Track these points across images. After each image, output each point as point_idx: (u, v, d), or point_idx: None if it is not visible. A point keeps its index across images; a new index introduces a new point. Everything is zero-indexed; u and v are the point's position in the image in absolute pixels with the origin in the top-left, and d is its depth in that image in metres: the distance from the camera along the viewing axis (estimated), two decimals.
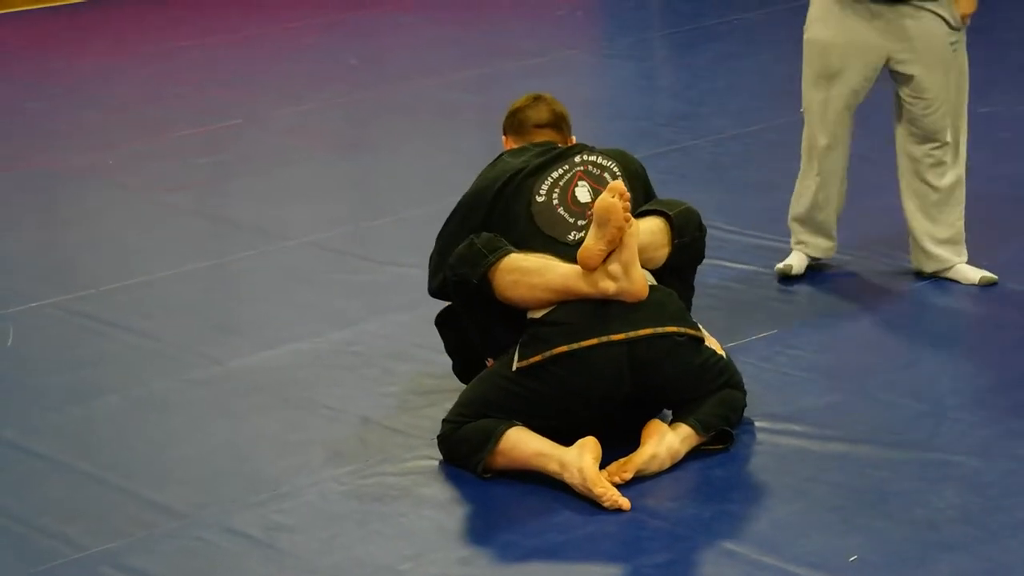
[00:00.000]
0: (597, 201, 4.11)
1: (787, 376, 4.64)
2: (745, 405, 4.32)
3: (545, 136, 4.60)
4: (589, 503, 3.97)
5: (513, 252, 4.20)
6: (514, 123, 4.67)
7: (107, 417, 4.61)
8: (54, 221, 6.62)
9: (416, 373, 4.77)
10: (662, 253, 4.30)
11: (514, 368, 4.16)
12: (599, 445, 4.05)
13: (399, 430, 4.41)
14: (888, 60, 5.28)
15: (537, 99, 4.70)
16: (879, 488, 3.99)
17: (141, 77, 8.68)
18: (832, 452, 4.18)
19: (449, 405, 4.50)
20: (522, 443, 4.08)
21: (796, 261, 5.44)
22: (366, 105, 8.02)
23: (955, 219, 5.37)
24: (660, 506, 3.96)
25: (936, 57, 5.25)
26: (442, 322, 4.55)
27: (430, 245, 4.59)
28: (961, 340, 4.90)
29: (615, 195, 4.07)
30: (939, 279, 5.33)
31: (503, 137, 4.71)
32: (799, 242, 5.47)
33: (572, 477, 3.99)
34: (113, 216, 6.45)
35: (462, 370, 4.55)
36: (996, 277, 5.30)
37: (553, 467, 4.03)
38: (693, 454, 4.17)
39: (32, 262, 6.04)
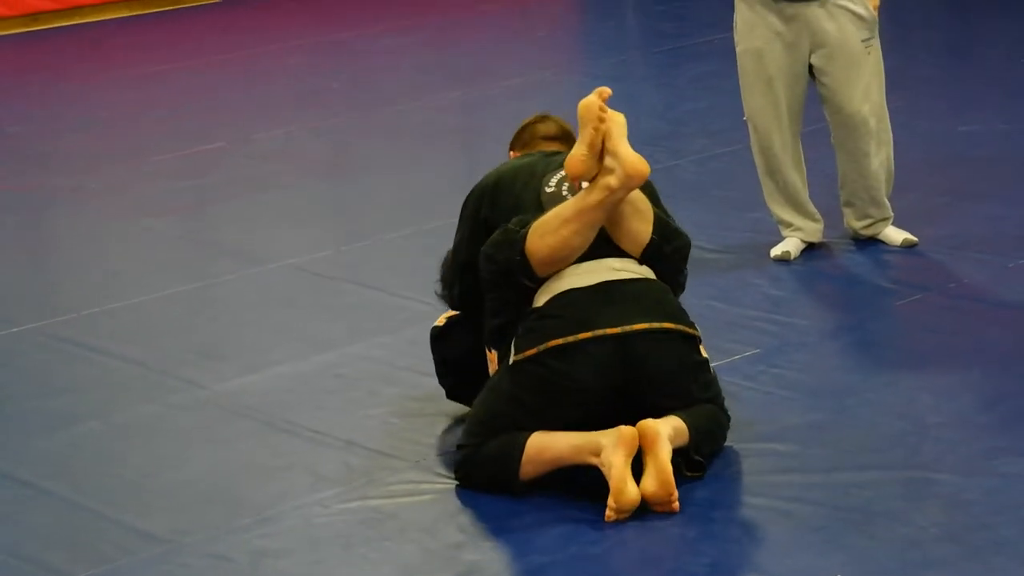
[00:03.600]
0: (580, 102, 4.13)
1: (770, 395, 4.65)
2: (728, 429, 4.31)
3: (553, 147, 4.63)
4: (573, 525, 3.96)
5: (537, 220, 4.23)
6: (523, 137, 4.72)
7: (89, 443, 4.60)
8: (36, 245, 6.61)
9: (400, 396, 4.77)
10: (646, 228, 4.26)
11: (511, 361, 4.16)
12: (636, 439, 4.00)
13: (383, 453, 4.40)
14: (810, 55, 5.58)
15: (545, 116, 4.78)
16: (862, 507, 3.99)
17: (123, 101, 8.68)
18: (815, 471, 4.18)
19: (434, 428, 4.51)
20: (551, 443, 4.08)
21: (792, 246, 5.72)
22: (348, 128, 8.03)
23: (881, 196, 5.74)
24: (643, 526, 3.96)
25: (850, 57, 5.54)
26: (438, 337, 4.54)
27: (414, 268, 4.61)
28: (942, 358, 4.90)
29: (595, 95, 4.08)
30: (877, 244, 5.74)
31: (510, 153, 4.72)
32: (794, 228, 5.74)
33: (604, 469, 3.97)
34: (95, 240, 6.44)
35: (452, 388, 4.54)
36: (916, 239, 5.70)
37: (591, 459, 4.01)
38: (676, 476, 4.16)
39: (13, 286, 6.03)
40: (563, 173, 4.36)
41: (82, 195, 7.00)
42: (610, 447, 3.99)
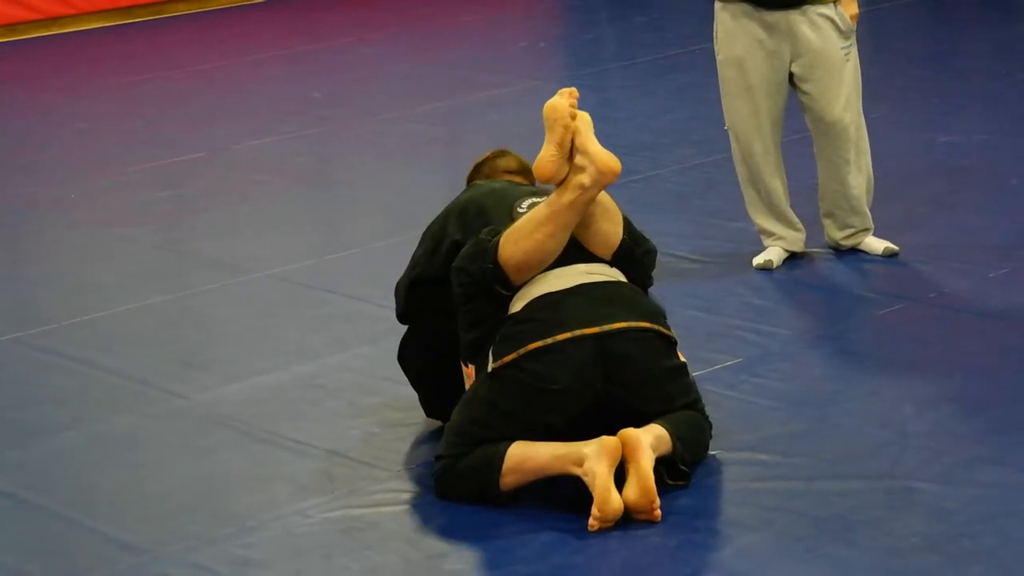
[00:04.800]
0: (545, 104, 4.13)
1: (752, 404, 4.65)
2: (711, 437, 4.31)
3: (516, 180, 4.63)
4: (556, 534, 3.95)
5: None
6: (483, 170, 4.71)
7: (69, 453, 4.58)
8: (15, 256, 6.58)
9: (381, 405, 4.76)
10: (617, 229, 4.26)
11: (489, 369, 4.15)
12: (619, 449, 3.99)
13: (365, 463, 4.39)
14: (791, 64, 5.60)
15: (504, 151, 4.78)
16: (844, 516, 3.99)
17: (102, 111, 8.66)
18: (797, 480, 4.18)
19: (415, 437, 4.50)
20: (532, 452, 4.06)
21: (775, 255, 5.73)
22: (329, 138, 8.02)
23: (862, 205, 5.74)
24: (626, 535, 3.95)
25: (831, 65, 5.58)
26: (402, 356, 4.55)
27: (394, 278, 4.59)
28: (923, 367, 4.91)
29: (563, 96, 4.08)
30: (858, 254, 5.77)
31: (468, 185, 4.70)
32: (776, 237, 5.76)
33: (587, 479, 3.96)
34: (75, 250, 6.43)
35: (428, 403, 4.54)
36: (898, 249, 5.72)
37: (573, 470, 4.00)
38: (658, 484, 4.16)
39: None
40: (534, 200, 4.36)
41: (62, 205, 6.98)
42: (593, 457, 3.98)
